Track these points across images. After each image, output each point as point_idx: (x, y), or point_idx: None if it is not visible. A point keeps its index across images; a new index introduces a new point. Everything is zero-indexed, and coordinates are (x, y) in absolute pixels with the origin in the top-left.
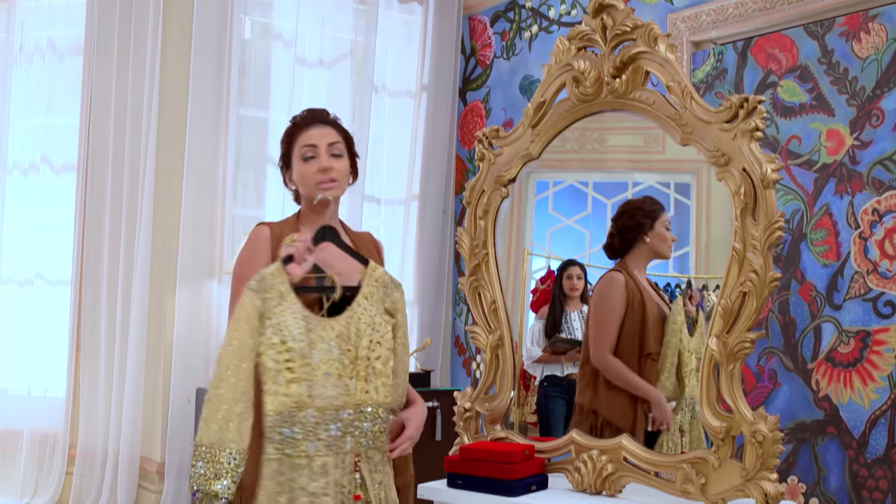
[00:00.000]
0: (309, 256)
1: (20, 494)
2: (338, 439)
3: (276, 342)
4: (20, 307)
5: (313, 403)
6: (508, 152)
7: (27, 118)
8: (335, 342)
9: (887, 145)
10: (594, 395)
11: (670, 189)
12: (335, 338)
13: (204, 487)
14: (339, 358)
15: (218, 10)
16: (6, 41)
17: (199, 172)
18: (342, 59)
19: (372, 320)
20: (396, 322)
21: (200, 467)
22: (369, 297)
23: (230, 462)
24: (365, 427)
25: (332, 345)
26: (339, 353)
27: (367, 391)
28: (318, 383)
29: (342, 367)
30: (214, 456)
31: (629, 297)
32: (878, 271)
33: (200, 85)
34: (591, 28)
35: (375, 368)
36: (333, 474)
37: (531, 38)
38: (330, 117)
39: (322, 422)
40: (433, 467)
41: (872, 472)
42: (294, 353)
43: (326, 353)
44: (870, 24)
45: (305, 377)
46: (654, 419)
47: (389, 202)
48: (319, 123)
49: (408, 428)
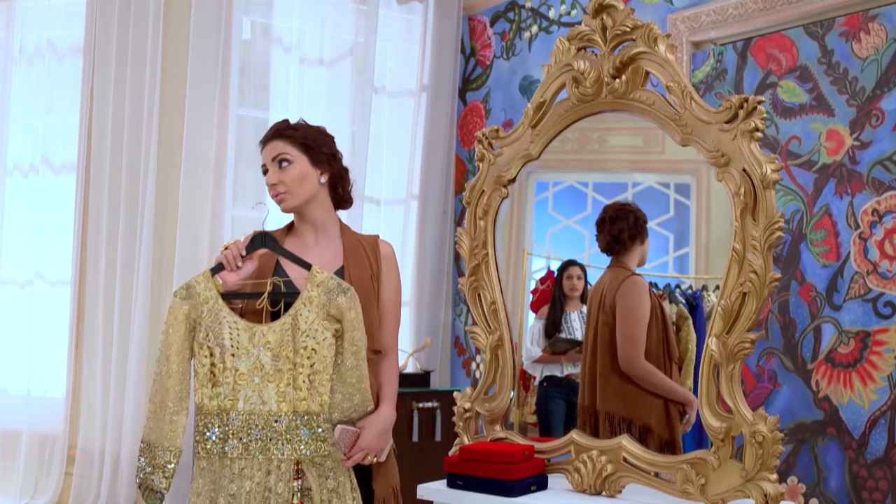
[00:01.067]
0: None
1: (20, 495)
2: (266, 445)
3: (204, 347)
4: (20, 308)
5: (237, 408)
6: (508, 152)
7: (27, 118)
8: (267, 349)
9: (887, 146)
10: (614, 399)
11: (670, 189)
12: (268, 344)
13: (145, 482)
14: (273, 364)
15: (218, 11)
16: (6, 41)
17: (199, 173)
18: (342, 59)
19: (310, 327)
20: (342, 328)
21: (142, 462)
22: (308, 303)
23: (163, 458)
24: (304, 434)
25: (262, 351)
26: (271, 360)
27: (303, 398)
28: (245, 388)
29: (276, 373)
30: (153, 453)
31: (652, 300)
32: (878, 272)
33: (200, 86)
34: (590, 28)
35: (312, 376)
36: (258, 479)
37: (531, 39)
38: (282, 128)
39: (247, 426)
40: (433, 467)
41: (872, 472)
42: (216, 359)
43: (255, 360)
44: (870, 25)
45: (229, 382)
46: (689, 420)
47: (389, 202)
48: (271, 139)
49: (361, 437)
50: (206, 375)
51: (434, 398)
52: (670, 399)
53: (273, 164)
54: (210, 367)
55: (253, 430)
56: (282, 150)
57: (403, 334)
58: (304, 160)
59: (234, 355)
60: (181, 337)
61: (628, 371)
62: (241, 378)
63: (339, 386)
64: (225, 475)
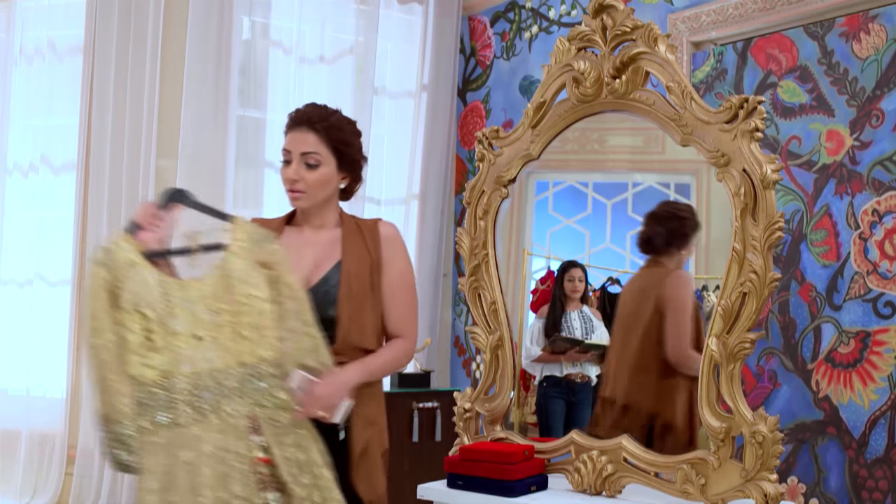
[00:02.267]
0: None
1: (19, 495)
2: (219, 404)
3: (133, 312)
4: (20, 308)
5: (181, 371)
6: (508, 153)
7: (27, 118)
8: (203, 304)
9: (887, 146)
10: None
11: (670, 189)
12: (203, 299)
13: (113, 456)
14: (211, 319)
15: (217, 11)
16: (6, 41)
17: (199, 173)
18: (342, 59)
19: (243, 273)
20: (277, 274)
21: (104, 436)
22: (239, 252)
23: (121, 432)
24: (260, 386)
25: (199, 307)
26: (209, 315)
27: (250, 348)
28: (186, 349)
29: (217, 328)
30: (110, 427)
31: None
32: (878, 272)
33: (200, 86)
34: (591, 28)
35: (256, 321)
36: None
37: (531, 39)
38: (316, 120)
39: (196, 388)
40: (433, 467)
41: (872, 472)
42: (152, 323)
43: (191, 317)
44: (870, 25)
45: (168, 345)
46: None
47: (389, 202)
48: (301, 126)
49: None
50: (140, 343)
51: (434, 398)
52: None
53: (299, 159)
54: (144, 334)
55: (202, 392)
56: (313, 149)
57: None
58: (332, 164)
59: (170, 316)
60: (104, 306)
61: (678, 360)
62: (179, 339)
63: (284, 333)
64: (179, 445)
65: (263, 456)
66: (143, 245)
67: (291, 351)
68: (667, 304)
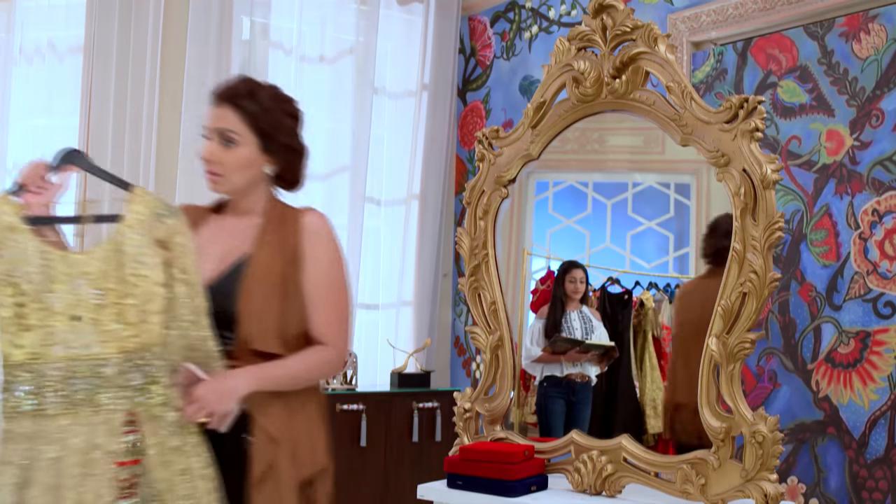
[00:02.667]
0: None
1: None
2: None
3: (5, 284)
4: None
5: (54, 353)
6: (508, 153)
7: (27, 118)
8: (87, 280)
9: (887, 146)
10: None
11: (670, 189)
12: (88, 275)
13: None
14: (96, 299)
15: (217, 11)
16: (6, 41)
17: (199, 173)
18: (342, 59)
19: (138, 250)
20: (173, 255)
21: None
22: (134, 226)
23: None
24: (137, 378)
25: (81, 283)
26: (94, 294)
27: (133, 335)
28: (62, 330)
29: (99, 309)
30: None
31: None
32: (878, 272)
33: (200, 86)
34: (591, 28)
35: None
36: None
37: (531, 39)
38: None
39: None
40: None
41: (872, 472)
42: (27, 297)
43: (72, 294)
44: (870, 25)
45: (42, 324)
46: None
47: (389, 202)
48: (220, 101)
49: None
50: (11, 320)
51: (434, 398)
52: None
53: (215, 136)
54: (16, 309)
55: (75, 380)
56: (230, 126)
57: (404, 334)
58: (252, 145)
59: (47, 291)
60: None
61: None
62: (55, 319)
63: (171, 322)
64: (43, 437)
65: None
66: (26, 209)
67: (177, 342)
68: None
